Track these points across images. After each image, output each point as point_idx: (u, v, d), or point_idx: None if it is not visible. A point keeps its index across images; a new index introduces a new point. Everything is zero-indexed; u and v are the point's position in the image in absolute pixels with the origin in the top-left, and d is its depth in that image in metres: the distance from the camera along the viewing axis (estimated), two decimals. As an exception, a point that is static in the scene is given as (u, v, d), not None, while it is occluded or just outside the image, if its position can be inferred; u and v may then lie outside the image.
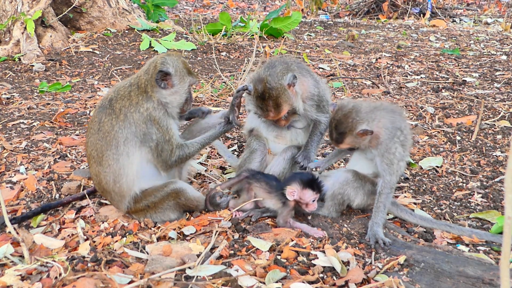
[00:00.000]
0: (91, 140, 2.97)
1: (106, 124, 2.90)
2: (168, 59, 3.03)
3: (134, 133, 2.88)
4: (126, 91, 2.98)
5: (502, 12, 15.69)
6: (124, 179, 2.92)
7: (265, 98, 3.04)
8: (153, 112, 2.91)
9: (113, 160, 2.89)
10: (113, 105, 2.93)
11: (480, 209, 3.32)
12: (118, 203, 3.04)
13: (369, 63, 7.75)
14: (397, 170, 2.88)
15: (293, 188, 2.89)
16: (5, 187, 3.54)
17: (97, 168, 2.95)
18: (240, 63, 7.63)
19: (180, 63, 3.05)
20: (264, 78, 3.06)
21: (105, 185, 2.97)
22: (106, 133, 2.89)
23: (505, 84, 6.48)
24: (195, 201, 3.11)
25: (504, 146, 4.37)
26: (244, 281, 2.39)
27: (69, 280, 2.32)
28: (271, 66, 3.15)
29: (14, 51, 7.24)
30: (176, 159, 3.00)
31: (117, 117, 2.89)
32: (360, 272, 2.45)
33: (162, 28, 8.98)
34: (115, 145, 2.88)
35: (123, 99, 2.94)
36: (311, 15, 14.38)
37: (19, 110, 5.31)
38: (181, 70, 3.03)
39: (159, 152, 2.93)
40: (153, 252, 2.67)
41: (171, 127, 2.98)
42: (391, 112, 2.93)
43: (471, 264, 2.47)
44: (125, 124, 2.88)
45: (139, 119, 2.89)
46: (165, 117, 2.96)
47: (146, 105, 2.92)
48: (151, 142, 2.91)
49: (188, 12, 14.43)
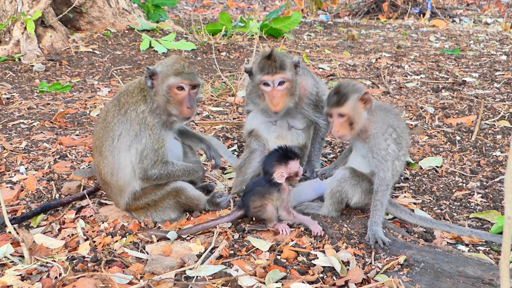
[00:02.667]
0: (96, 129, 3.03)
1: (110, 115, 2.94)
2: (167, 59, 3.02)
3: (128, 132, 2.89)
4: (132, 88, 3.01)
5: (502, 12, 15.69)
6: (121, 173, 2.93)
7: (270, 57, 3.09)
8: (148, 117, 2.89)
9: (109, 152, 2.92)
10: (120, 99, 2.97)
11: (480, 209, 3.32)
12: (117, 198, 3.04)
13: (369, 63, 7.75)
14: (393, 169, 2.89)
15: (279, 170, 2.88)
16: (5, 187, 3.54)
17: (98, 157, 3.00)
18: (240, 63, 7.63)
19: (171, 62, 2.95)
20: (272, 48, 3.15)
21: (104, 176, 3.00)
22: (107, 124, 2.93)
23: (505, 84, 6.48)
24: (195, 200, 3.11)
25: (504, 146, 4.37)
26: (244, 281, 2.39)
27: (69, 280, 2.32)
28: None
29: (14, 51, 7.23)
30: (156, 172, 2.91)
31: (120, 110, 2.93)
32: (360, 272, 2.45)
33: (162, 28, 8.98)
34: (111, 137, 2.91)
35: (128, 95, 2.97)
36: (311, 15, 14.38)
37: (19, 110, 5.31)
38: (167, 69, 2.91)
39: (143, 158, 2.88)
40: (153, 252, 2.68)
41: (163, 139, 2.92)
42: (384, 110, 2.96)
43: (471, 264, 2.47)
44: (123, 119, 2.90)
45: (135, 120, 2.89)
46: (159, 125, 2.91)
47: (143, 107, 2.91)
48: (139, 145, 2.88)
49: (188, 12, 14.43)
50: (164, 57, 7.63)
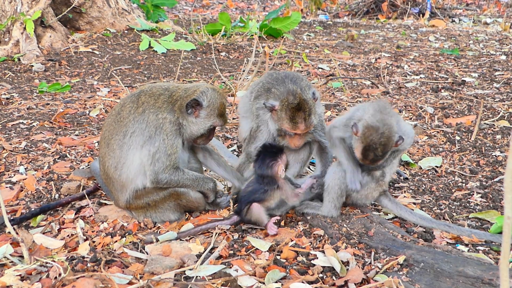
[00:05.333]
0: (108, 121, 3.04)
1: (126, 110, 2.96)
2: (210, 93, 3.03)
3: (143, 131, 2.91)
4: (158, 92, 3.02)
5: (501, 12, 15.70)
6: (125, 169, 2.94)
7: (300, 109, 3.00)
8: (167, 124, 2.93)
9: (117, 146, 2.93)
10: (140, 97, 3.00)
11: (479, 209, 3.32)
12: (118, 194, 3.03)
13: (368, 63, 7.75)
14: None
15: (279, 168, 2.92)
16: (5, 187, 3.54)
17: (104, 149, 3.01)
18: (240, 63, 7.63)
19: (218, 102, 3.04)
20: (296, 90, 3.03)
21: (107, 169, 3.00)
22: (122, 118, 2.95)
23: (504, 84, 6.49)
24: (196, 203, 3.12)
25: (504, 146, 4.38)
26: (243, 281, 2.39)
27: (69, 280, 2.32)
28: (291, 79, 3.12)
29: (13, 51, 7.23)
30: (167, 177, 2.94)
31: (137, 108, 2.94)
32: (360, 272, 2.45)
33: (161, 28, 8.98)
34: (123, 132, 2.92)
35: (151, 97, 2.98)
36: (310, 15, 14.39)
37: (18, 110, 5.31)
38: (213, 108, 3.02)
39: (155, 160, 2.90)
40: (152, 252, 2.67)
41: (177, 146, 2.96)
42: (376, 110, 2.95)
43: (471, 264, 2.47)
44: (139, 118, 2.92)
45: (153, 122, 2.91)
46: (176, 133, 2.96)
47: (166, 114, 2.94)
48: (152, 147, 2.90)
49: (188, 12, 14.43)
50: (164, 57, 7.64)
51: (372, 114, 2.76)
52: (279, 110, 3.04)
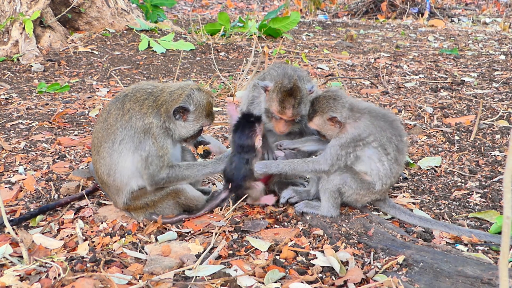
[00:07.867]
0: (96, 128, 3.03)
1: (112, 117, 2.94)
2: (196, 95, 3.01)
3: (132, 138, 2.90)
4: (142, 97, 2.98)
5: (500, 12, 15.71)
6: (117, 174, 2.95)
7: (291, 94, 3.00)
8: (154, 128, 2.92)
9: (107, 153, 2.94)
10: (124, 102, 2.96)
11: (478, 209, 3.32)
12: (115, 197, 3.04)
13: (367, 63, 7.76)
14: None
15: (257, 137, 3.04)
16: (4, 187, 3.53)
17: (96, 156, 3.01)
18: (239, 63, 7.63)
19: (205, 103, 3.03)
20: (293, 76, 3.04)
21: (100, 176, 3.02)
22: (109, 126, 2.94)
23: (504, 84, 6.49)
24: (194, 201, 3.12)
25: (503, 145, 4.38)
26: (243, 281, 2.39)
27: (68, 280, 2.32)
28: (292, 69, 3.15)
29: (12, 52, 7.23)
30: (164, 176, 2.96)
31: (123, 115, 2.92)
32: (359, 272, 2.45)
33: (160, 28, 8.98)
34: (112, 140, 2.92)
35: (136, 102, 2.95)
36: (309, 15, 14.39)
37: (17, 111, 5.30)
38: (200, 110, 3.02)
39: (148, 164, 2.91)
40: (152, 252, 2.67)
41: (167, 146, 2.96)
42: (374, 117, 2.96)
43: (470, 263, 2.47)
44: (126, 125, 2.90)
45: (140, 128, 2.90)
46: (164, 135, 2.95)
47: (152, 119, 2.92)
48: (143, 152, 2.90)
49: (187, 12, 14.42)
50: (163, 57, 7.64)
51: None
52: (271, 91, 3.05)
